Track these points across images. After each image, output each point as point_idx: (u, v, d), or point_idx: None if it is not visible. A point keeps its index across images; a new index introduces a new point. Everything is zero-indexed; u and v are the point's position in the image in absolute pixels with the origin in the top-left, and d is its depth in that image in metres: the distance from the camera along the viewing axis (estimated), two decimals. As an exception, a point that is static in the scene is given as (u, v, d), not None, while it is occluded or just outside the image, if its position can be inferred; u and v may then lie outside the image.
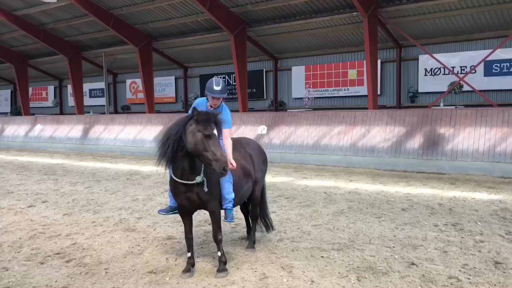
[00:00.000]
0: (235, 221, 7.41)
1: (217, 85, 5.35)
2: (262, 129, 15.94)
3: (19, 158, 18.76)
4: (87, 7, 19.40)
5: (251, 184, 5.82)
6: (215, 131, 4.87)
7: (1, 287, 4.94)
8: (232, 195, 5.32)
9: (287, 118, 15.70)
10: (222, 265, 5.17)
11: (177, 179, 5.03)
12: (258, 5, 17.65)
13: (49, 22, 23.07)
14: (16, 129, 25.09)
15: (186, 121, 4.93)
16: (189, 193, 5.07)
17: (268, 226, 6.48)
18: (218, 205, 5.25)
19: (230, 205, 5.34)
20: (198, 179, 4.98)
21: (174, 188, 5.13)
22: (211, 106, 5.48)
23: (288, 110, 22.01)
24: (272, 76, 23.27)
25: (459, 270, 5.13)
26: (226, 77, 24.35)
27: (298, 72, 22.17)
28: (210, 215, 5.26)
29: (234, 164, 5.22)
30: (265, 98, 23.64)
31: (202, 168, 5.03)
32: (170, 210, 5.54)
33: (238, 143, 5.99)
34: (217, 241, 5.23)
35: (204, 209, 5.31)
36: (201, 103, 5.57)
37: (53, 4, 20.40)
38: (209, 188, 5.05)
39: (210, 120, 4.83)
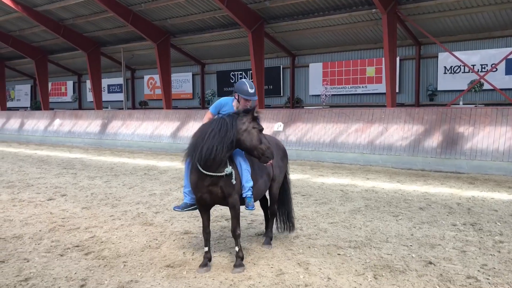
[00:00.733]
0: (251, 217, 7.45)
1: (250, 87, 5.48)
2: (278, 126, 15.93)
3: (39, 152, 19.05)
4: (107, 3, 19.56)
5: (267, 178, 5.76)
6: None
7: (23, 277, 5.03)
8: (251, 183, 5.32)
9: (303, 115, 15.66)
10: (239, 260, 5.19)
11: (205, 172, 5.02)
12: (276, 2, 17.60)
13: (68, 18, 23.34)
14: (36, 123, 25.46)
15: (234, 120, 5.06)
16: (212, 187, 5.10)
17: (288, 227, 6.39)
18: (238, 199, 5.25)
19: (250, 193, 5.34)
20: (228, 170, 5.05)
21: (198, 181, 5.12)
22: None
23: (305, 107, 21.93)
24: (289, 73, 23.22)
25: (478, 270, 5.08)
26: (243, 73, 24.38)
27: (315, 69, 22.08)
28: (230, 209, 5.27)
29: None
30: (281, 95, 23.60)
31: (227, 160, 5.11)
32: (186, 207, 5.57)
33: None
34: (236, 236, 5.24)
35: (223, 204, 5.32)
36: (226, 103, 5.64)
37: (73, 0, 20.63)
38: (230, 182, 5.11)
39: (257, 113, 5.18)
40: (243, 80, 5.61)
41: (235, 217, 5.24)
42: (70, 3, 21.15)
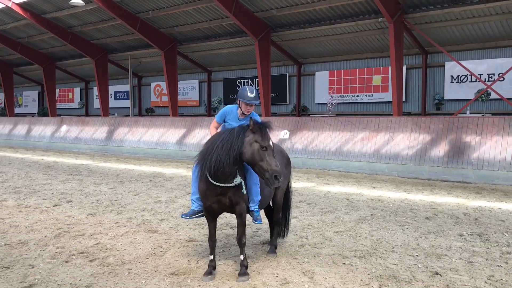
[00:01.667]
0: (256, 225, 7.42)
1: (251, 92, 5.47)
2: (284, 133, 15.92)
3: (45, 158, 19.14)
4: (114, 10, 19.73)
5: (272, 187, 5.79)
6: (271, 142, 5.01)
7: (27, 284, 5.03)
8: (259, 197, 5.39)
9: (309, 123, 15.64)
10: (243, 269, 5.17)
11: (214, 182, 5.05)
12: (283, 10, 17.68)
13: (76, 25, 23.56)
14: (43, 129, 25.61)
15: (241, 132, 5.02)
16: (220, 196, 5.13)
17: (283, 233, 6.46)
18: (245, 208, 5.27)
19: (257, 207, 5.39)
20: (237, 181, 5.05)
21: (207, 190, 5.14)
22: (242, 114, 5.57)
23: (311, 115, 21.94)
24: (295, 81, 23.25)
25: (485, 282, 5.03)
26: (250, 81, 24.43)
27: (321, 77, 22.10)
28: (237, 217, 5.27)
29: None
30: (288, 102, 23.62)
31: (237, 171, 5.10)
32: (193, 214, 5.55)
33: None
34: (241, 244, 5.23)
35: (231, 212, 5.35)
36: (231, 111, 5.68)
37: (81, 7, 20.82)
38: (239, 191, 5.11)
39: (266, 131, 4.99)
40: (246, 86, 5.67)
41: (242, 225, 5.22)
42: (78, 10, 21.36)
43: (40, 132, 25.65)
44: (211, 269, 5.22)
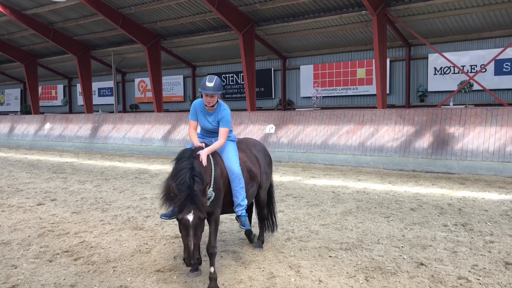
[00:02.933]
0: (237, 224, 7.40)
1: (210, 81, 5.11)
2: (270, 128, 15.91)
3: (29, 156, 18.89)
4: (96, 6, 19.47)
5: (256, 187, 5.67)
6: (189, 216, 4.33)
7: (10, 285, 4.96)
8: (246, 201, 5.24)
9: (295, 117, 15.66)
10: (214, 283, 4.71)
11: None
12: (266, 4, 17.62)
13: (58, 21, 23.21)
14: (26, 127, 25.26)
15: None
16: None
17: (271, 228, 6.33)
18: (219, 214, 5.01)
19: (244, 211, 5.25)
20: (210, 196, 4.74)
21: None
22: (206, 105, 5.28)
23: (296, 109, 21.95)
24: (280, 75, 23.24)
25: (469, 271, 5.08)
26: (235, 76, 24.38)
27: (306, 71, 22.12)
28: (211, 224, 4.90)
29: (205, 161, 4.86)
30: (273, 97, 23.61)
31: (212, 180, 4.85)
32: (173, 215, 5.04)
33: (244, 143, 5.89)
34: (213, 254, 4.81)
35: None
36: (199, 105, 5.41)
37: (62, 3, 20.51)
38: (214, 199, 4.83)
39: (183, 201, 4.39)
40: (208, 75, 5.30)
41: (215, 232, 4.91)
42: (59, 6, 21.03)
43: (23, 130, 25.30)
44: (197, 265, 5.18)
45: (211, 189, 4.77)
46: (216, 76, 5.27)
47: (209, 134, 5.53)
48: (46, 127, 24.06)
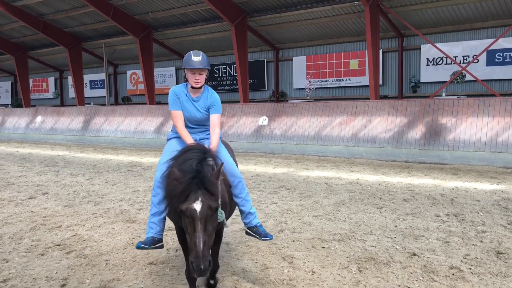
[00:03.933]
0: (236, 212, 7.40)
1: (196, 55, 4.29)
2: (263, 120, 15.88)
3: (20, 149, 18.75)
4: (87, -3, 19.27)
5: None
6: (197, 205, 3.22)
7: (2, 279, 4.92)
8: (254, 209, 4.44)
9: (288, 109, 15.63)
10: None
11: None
12: (259, -5, 17.53)
13: (48, 13, 22.95)
14: (17, 121, 25.06)
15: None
16: None
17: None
18: (223, 229, 4.28)
19: (257, 219, 4.40)
20: (220, 217, 3.54)
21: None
22: (192, 87, 4.37)
23: (289, 100, 21.93)
24: (273, 67, 23.17)
25: (461, 261, 5.11)
26: (227, 67, 24.27)
27: (299, 62, 22.06)
28: (215, 243, 4.00)
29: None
30: (266, 88, 23.55)
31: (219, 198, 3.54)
32: (153, 243, 4.15)
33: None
34: (212, 285, 4.35)
35: None
36: (179, 92, 4.47)
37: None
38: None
39: (191, 186, 3.29)
40: (195, 50, 4.41)
41: (217, 252, 4.37)
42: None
43: (14, 123, 25.10)
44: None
45: (222, 211, 3.58)
46: (202, 53, 4.40)
47: (194, 127, 4.57)
48: (38, 120, 23.88)
